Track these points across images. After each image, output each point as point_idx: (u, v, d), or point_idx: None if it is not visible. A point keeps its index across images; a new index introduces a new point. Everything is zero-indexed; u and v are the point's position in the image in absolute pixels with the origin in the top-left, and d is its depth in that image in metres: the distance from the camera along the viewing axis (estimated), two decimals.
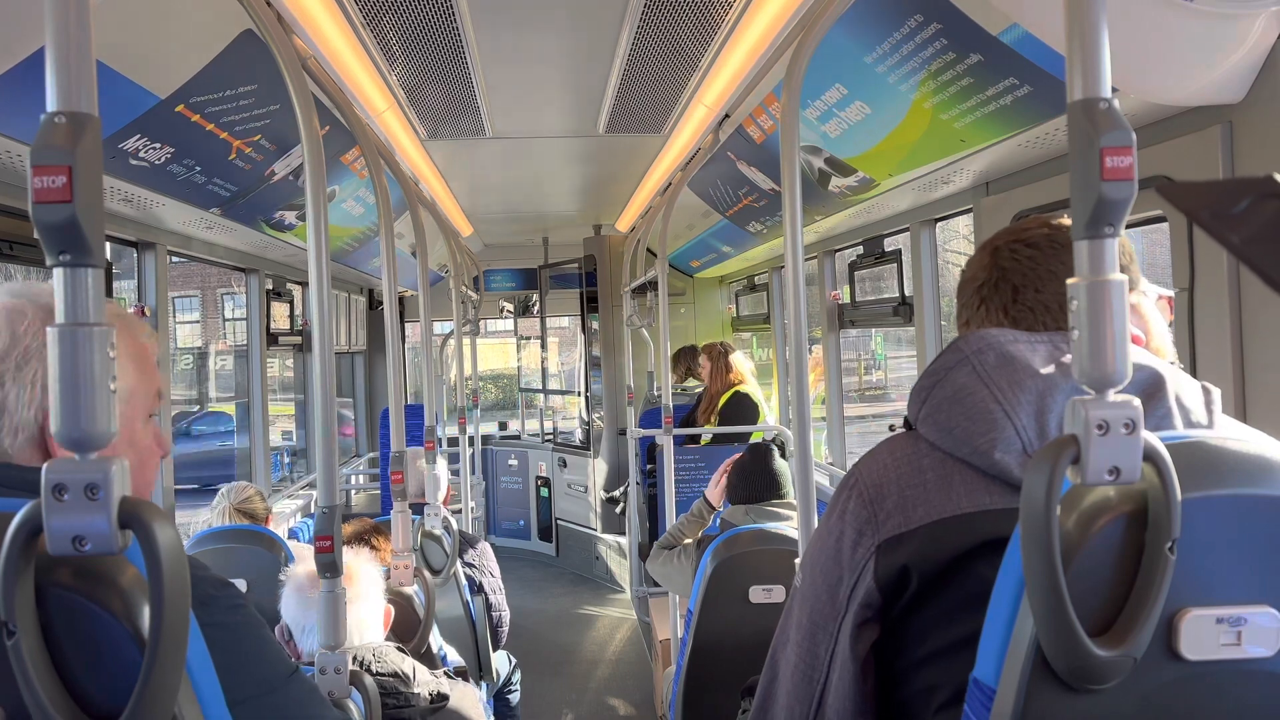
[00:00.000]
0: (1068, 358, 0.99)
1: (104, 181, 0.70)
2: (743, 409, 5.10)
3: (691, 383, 5.94)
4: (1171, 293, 1.15)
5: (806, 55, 1.80)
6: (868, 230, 3.92)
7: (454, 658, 2.77)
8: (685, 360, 6.04)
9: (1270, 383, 1.71)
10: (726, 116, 3.15)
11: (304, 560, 2.07)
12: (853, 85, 2.53)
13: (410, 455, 2.59)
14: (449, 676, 2.13)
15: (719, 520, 3.07)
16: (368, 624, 2.01)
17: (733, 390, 5.13)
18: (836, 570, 1.04)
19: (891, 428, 4.96)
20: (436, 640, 2.63)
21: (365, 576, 2.04)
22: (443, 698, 1.97)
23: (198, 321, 20.54)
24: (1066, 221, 1.11)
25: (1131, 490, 0.78)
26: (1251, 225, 0.68)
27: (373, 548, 2.74)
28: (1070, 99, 0.75)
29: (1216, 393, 0.99)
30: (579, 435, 7.55)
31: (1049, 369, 0.97)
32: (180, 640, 0.70)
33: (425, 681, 1.96)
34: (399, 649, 2.00)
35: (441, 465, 3.38)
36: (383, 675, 1.88)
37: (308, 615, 1.93)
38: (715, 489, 3.17)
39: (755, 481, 2.96)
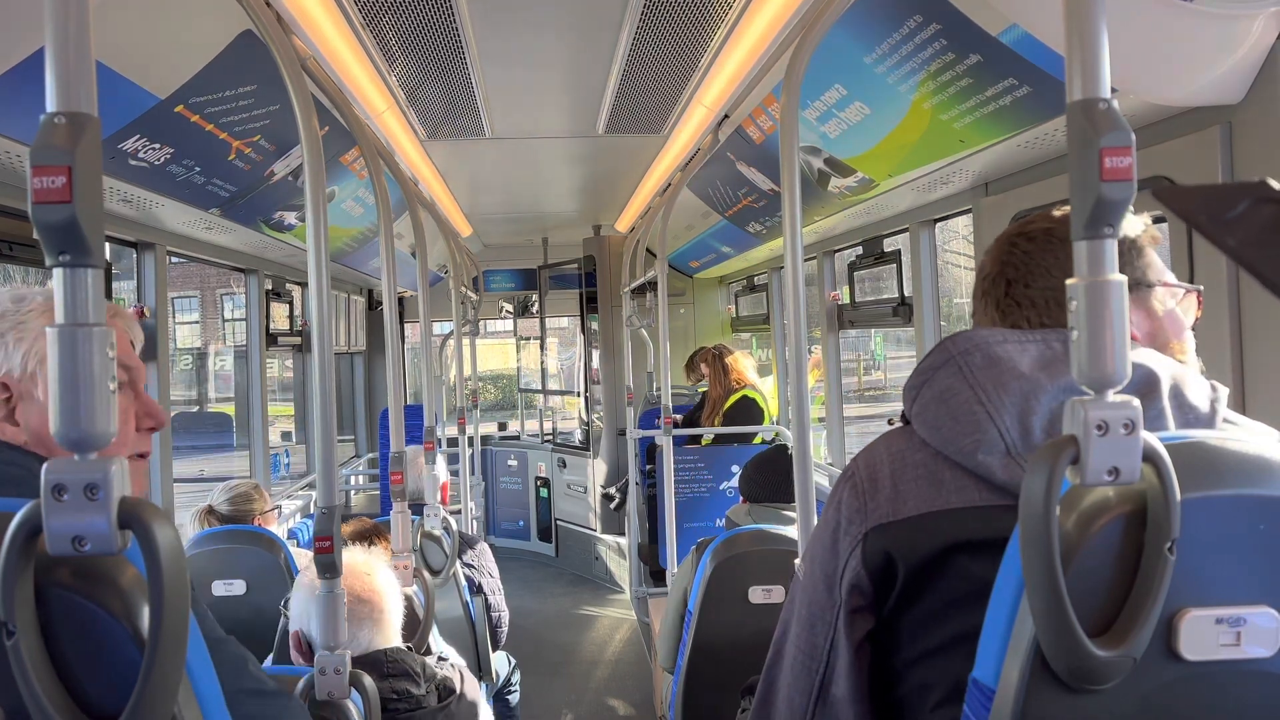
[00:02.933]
0: (1061, 357, 0.99)
1: (104, 182, 0.70)
2: (750, 414, 5.09)
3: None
4: (1200, 287, 1.14)
5: (806, 56, 1.80)
6: (867, 231, 3.93)
7: (454, 659, 2.76)
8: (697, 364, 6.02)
9: (1270, 382, 1.71)
10: (726, 117, 3.15)
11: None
12: (852, 85, 2.53)
13: (410, 455, 2.59)
14: (444, 660, 2.12)
15: (726, 519, 3.08)
16: (390, 638, 1.98)
17: (740, 394, 5.12)
18: (833, 561, 1.06)
19: (890, 421, 4.97)
20: (436, 641, 2.63)
21: (388, 592, 1.99)
22: (449, 690, 1.97)
23: (197, 322, 20.54)
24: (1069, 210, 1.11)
25: (1131, 490, 0.78)
26: (1248, 229, 0.68)
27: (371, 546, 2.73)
28: (1070, 99, 0.75)
29: (1224, 391, 0.99)
30: (578, 436, 7.55)
31: (1035, 371, 0.98)
32: (180, 640, 0.70)
33: (433, 674, 1.95)
34: (408, 647, 2.00)
35: (440, 462, 3.38)
36: (394, 677, 1.87)
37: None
38: None
39: (772, 483, 2.96)
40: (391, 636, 1.98)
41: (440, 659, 2.17)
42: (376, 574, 2.00)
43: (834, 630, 1.04)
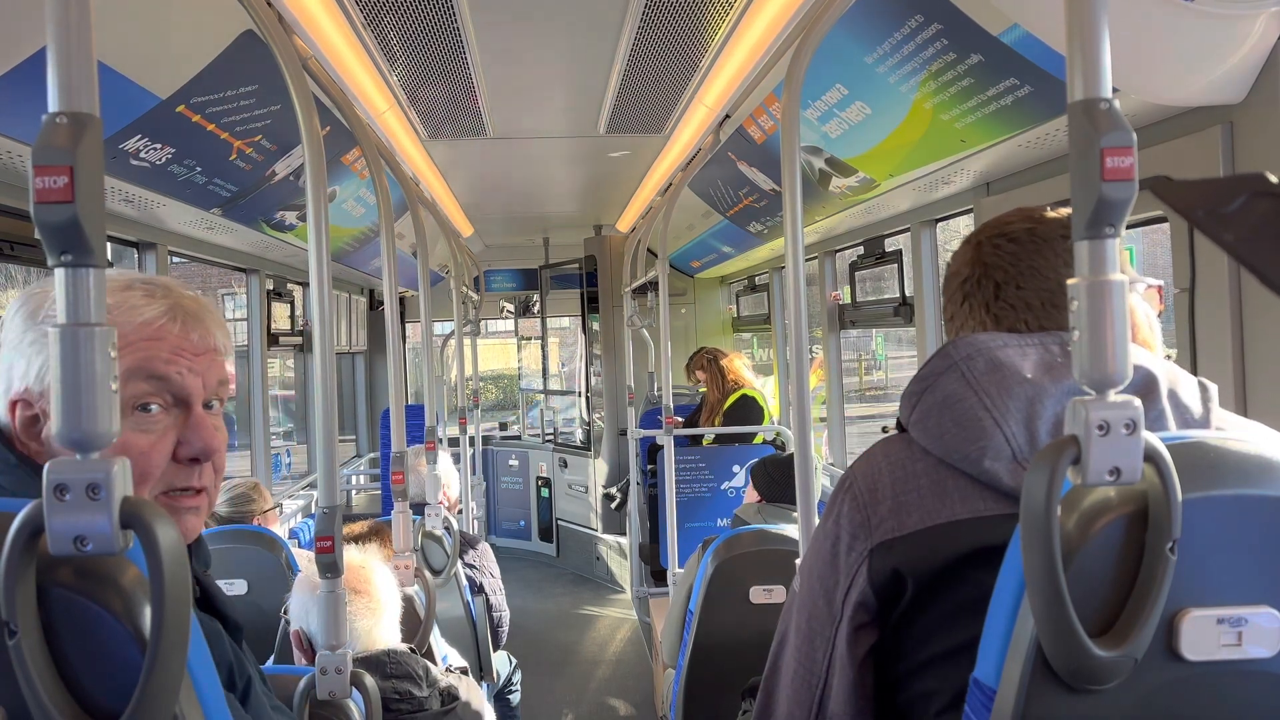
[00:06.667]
0: (1059, 360, 0.98)
1: (105, 182, 0.70)
2: (749, 412, 5.10)
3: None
4: (1160, 282, 1.15)
5: (807, 56, 1.80)
6: (868, 230, 3.92)
7: (455, 659, 2.77)
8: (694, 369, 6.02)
9: (1271, 383, 1.71)
10: (727, 117, 3.15)
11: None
12: (853, 86, 2.53)
13: (411, 455, 2.59)
14: (451, 671, 2.13)
15: (734, 516, 3.11)
16: (388, 635, 1.99)
17: (739, 394, 5.13)
18: (833, 575, 1.04)
19: (885, 429, 4.97)
20: (438, 642, 2.63)
21: (383, 586, 2.01)
22: (453, 697, 1.97)
23: None
24: (1050, 214, 1.10)
25: (1132, 491, 0.78)
26: (1245, 223, 0.68)
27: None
28: (1070, 99, 0.75)
29: (1213, 389, 0.99)
30: (579, 436, 7.55)
31: (1039, 374, 0.97)
32: (181, 640, 0.70)
33: (437, 679, 1.96)
34: (410, 649, 2.00)
35: (447, 461, 3.38)
36: (397, 678, 1.87)
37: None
38: None
39: (783, 482, 2.99)
40: (389, 631, 1.99)
41: (448, 669, 2.17)
42: (372, 569, 2.00)
43: (832, 645, 1.03)
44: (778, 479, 3.04)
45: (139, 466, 0.98)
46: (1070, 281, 0.76)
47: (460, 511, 4.70)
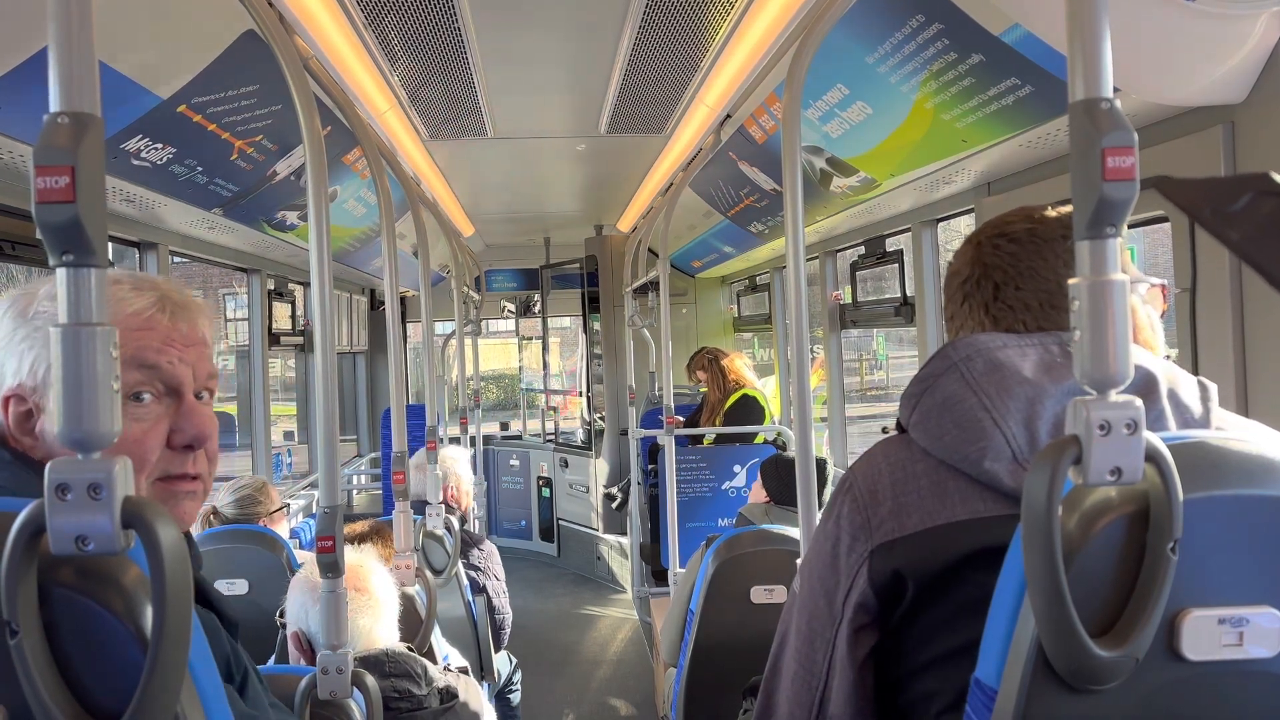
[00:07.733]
0: (1059, 360, 0.98)
1: (106, 182, 0.70)
2: (750, 411, 5.10)
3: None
4: (1164, 281, 1.14)
5: (808, 56, 1.80)
6: (869, 230, 3.92)
7: (456, 659, 2.77)
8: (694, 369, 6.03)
9: (1272, 383, 1.71)
10: (728, 117, 3.15)
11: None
12: (854, 85, 2.53)
13: (414, 462, 2.58)
14: (449, 670, 2.13)
15: (738, 515, 3.10)
16: (386, 634, 1.99)
17: (739, 394, 5.13)
18: (833, 576, 1.04)
19: (885, 429, 4.96)
20: (439, 642, 2.63)
21: (381, 585, 2.01)
22: (451, 695, 1.97)
23: None
24: (1050, 213, 1.10)
25: (1133, 490, 0.78)
26: (1250, 222, 0.68)
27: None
28: (1072, 99, 0.75)
29: (1213, 388, 0.99)
30: (580, 435, 7.55)
31: (1039, 375, 0.97)
32: (182, 640, 0.70)
33: (435, 678, 1.96)
34: (409, 648, 2.00)
35: (461, 459, 3.37)
36: (396, 677, 1.88)
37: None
38: None
39: (793, 484, 2.98)
40: (388, 630, 1.99)
41: (445, 669, 2.17)
42: (369, 568, 2.01)
43: (833, 646, 1.03)
44: (788, 481, 3.02)
45: (133, 455, 0.98)
46: (1071, 281, 0.76)
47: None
